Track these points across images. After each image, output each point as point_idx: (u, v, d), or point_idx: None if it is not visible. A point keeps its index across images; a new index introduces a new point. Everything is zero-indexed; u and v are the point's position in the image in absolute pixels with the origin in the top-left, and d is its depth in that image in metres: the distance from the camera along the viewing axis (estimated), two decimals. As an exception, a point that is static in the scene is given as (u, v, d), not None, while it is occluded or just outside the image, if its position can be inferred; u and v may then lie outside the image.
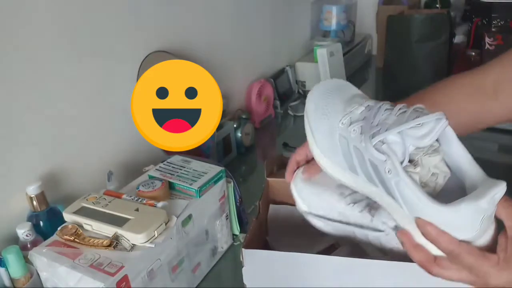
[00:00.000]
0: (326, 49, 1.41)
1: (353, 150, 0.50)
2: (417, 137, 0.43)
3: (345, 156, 0.51)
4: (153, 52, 0.91)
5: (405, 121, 0.45)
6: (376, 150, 0.46)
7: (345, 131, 0.51)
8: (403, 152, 0.45)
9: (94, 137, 0.83)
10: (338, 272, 0.58)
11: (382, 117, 0.48)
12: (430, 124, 0.43)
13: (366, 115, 0.50)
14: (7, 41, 0.66)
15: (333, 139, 0.53)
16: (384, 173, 0.46)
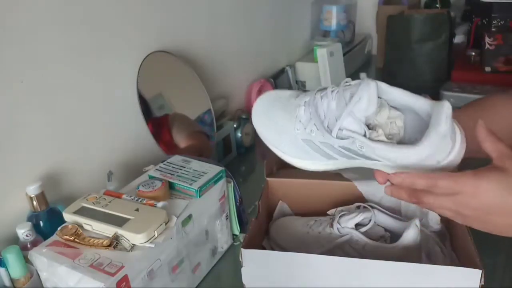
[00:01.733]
0: (326, 49, 1.41)
1: (321, 145, 0.54)
2: (363, 109, 0.49)
3: (317, 151, 0.55)
4: (153, 52, 0.91)
5: (346, 103, 0.50)
6: (340, 139, 0.51)
7: (304, 135, 0.55)
8: (360, 126, 0.50)
9: (94, 137, 0.83)
10: (338, 272, 0.58)
11: (324, 107, 0.53)
12: (364, 93, 0.49)
13: (310, 111, 0.55)
14: (6, 41, 0.66)
15: (298, 145, 0.56)
16: (359, 149, 0.50)
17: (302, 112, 0.56)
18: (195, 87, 1.02)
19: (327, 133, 0.52)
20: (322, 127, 0.53)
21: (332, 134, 0.52)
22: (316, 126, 0.53)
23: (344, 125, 0.50)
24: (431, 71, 1.42)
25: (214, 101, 1.08)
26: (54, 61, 0.73)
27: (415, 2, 1.83)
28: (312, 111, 0.54)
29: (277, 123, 0.59)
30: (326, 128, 0.52)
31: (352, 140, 0.50)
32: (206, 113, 1.03)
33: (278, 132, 0.59)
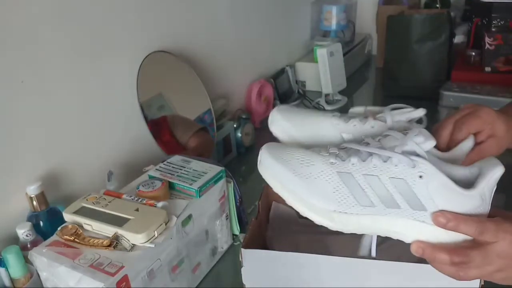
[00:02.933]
0: (326, 49, 1.41)
1: (363, 178, 0.48)
2: (421, 142, 0.48)
3: (353, 191, 0.49)
4: (153, 52, 0.91)
5: (405, 136, 0.49)
6: (406, 157, 0.47)
7: (341, 167, 0.49)
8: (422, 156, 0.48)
9: (94, 137, 0.83)
10: (338, 272, 0.58)
11: (373, 141, 0.51)
12: (419, 130, 0.49)
13: (347, 145, 0.52)
14: (7, 41, 0.66)
15: (328, 187, 0.50)
16: (412, 183, 0.46)
17: (335, 150, 0.52)
18: (195, 87, 1.02)
19: (380, 158, 0.48)
20: (375, 154, 0.48)
21: (395, 152, 0.48)
22: (360, 157, 0.49)
23: (405, 149, 0.48)
24: (431, 71, 1.42)
25: (214, 101, 1.08)
26: (54, 61, 0.73)
27: (415, 2, 1.83)
28: (348, 145, 0.52)
29: (301, 164, 0.51)
30: (385, 150, 0.48)
31: (414, 164, 0.46)
32: (206, 113, 1.03)
33: (305, 176, 0.51)
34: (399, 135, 0.50)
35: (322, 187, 0.49)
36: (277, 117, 0.68)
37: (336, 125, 0.65)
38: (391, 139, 0.50)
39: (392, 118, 0.62)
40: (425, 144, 0.48)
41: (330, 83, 1.42)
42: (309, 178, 0.50)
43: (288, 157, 0.53)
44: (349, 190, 0.49)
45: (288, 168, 0.51)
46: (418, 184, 0.46)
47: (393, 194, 0.47)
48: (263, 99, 1.31)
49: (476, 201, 0.46)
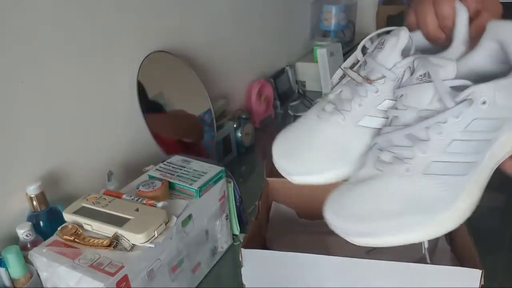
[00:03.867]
0: (326, 49, 1.41)
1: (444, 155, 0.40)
2: (445, 72, 0.40)
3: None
4: (153, 52, 0.91)
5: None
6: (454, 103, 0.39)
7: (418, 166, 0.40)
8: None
9: (94, 137, 0.83)
10: (338, 272, 0.58)
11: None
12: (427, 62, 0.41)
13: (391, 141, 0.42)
14: (7, 41, 0.66)
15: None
16: (484, 113, 0.39)
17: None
18: (195, 87, 1.02)
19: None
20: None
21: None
22: (420, 144, 0.39)
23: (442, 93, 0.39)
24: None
25: (214, 101, 1.08)
26: (54, 61, 0.73)
27: (415, 2, 1.83)
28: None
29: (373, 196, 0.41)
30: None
31: (466, 102, 0.38)
32: (206, 113, 1.03)
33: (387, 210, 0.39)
34: (416, 85, 0.40)
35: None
36: (279, 164, 0.50)
37: (340, 123, 0.46)
38: (415, 92, 0.40)
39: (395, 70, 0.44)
40: (447, 70, 0.39)
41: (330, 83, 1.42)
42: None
43: (358, 205, 0.41)
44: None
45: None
46: (487, 110, 0.38)
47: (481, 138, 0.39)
48: (263, 99, 1.31)
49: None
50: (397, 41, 0.43)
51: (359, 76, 0.44)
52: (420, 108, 0.39)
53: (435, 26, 0.43)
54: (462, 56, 0.41)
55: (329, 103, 0.46)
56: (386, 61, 0.43)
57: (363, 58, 0.46)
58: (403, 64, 0.42)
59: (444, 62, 0.39)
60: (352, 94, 0.45)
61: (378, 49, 0.44)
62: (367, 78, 0.44)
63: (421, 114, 0.39)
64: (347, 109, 0.45)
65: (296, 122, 0.50)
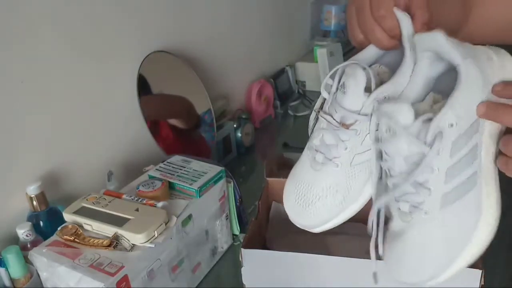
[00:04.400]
0: (326, 49, 1.41)
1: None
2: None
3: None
4: (153, 52, 0.91)
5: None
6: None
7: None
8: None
9: (94, 137, 0.83)
10: (338, 272, 0.58)
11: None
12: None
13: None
14: (7, 41, 0.66)
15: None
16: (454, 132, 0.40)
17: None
18: (195, 87, 1.02)
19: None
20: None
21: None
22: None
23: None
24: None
25: (214, 101, 1.08)
26: (54, 61, 0.73)
27: (415, 2, 1.83)
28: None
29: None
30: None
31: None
32: (206, 113, 1.03)
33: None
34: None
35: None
36: (296, 222, 0.50)
37: (335, 170, 0.47)
38: (390, 145, 0.42)
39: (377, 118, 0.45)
40: (405, 115, 0.40)
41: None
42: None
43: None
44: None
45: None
46: (458, 128, 0.40)
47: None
48: (263, 99, 1.31)
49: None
50: (356, 83, 0.43)
51: (334, 120, 0.45)
52: (404, 155, 0.41)
53: (387, 39, 0.44)
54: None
55: (317, 152, 0.48)
56: (353, 105, 0.44)
57: (330, 96, 0.46)
58: (371, 101, 0.43)
59: (399, 108, 0.40)
60: (335, 140, 0.46)
61: (341, 92, 0.44)
62: (343, 123, 0.45)
63: (408, 160, 0.41)
64: (336, 156, 0.47)
65: (294, 174, 0.51)
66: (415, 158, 0.41)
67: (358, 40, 0.47)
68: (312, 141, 0.48)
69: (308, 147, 0.49)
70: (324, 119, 0.46)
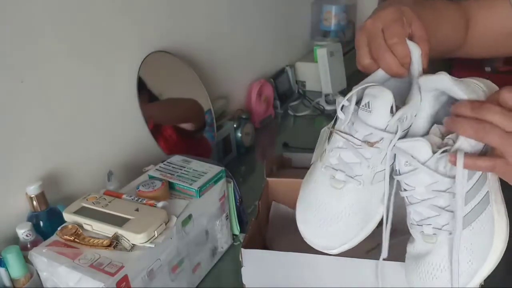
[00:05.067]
0: (326, 49, 1.41)
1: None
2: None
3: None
4: (153, 52, 0.91)
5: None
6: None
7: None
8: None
9: (94, 137, 0.83)
10: (338, 272, 0.58)
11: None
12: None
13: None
14: (7, 41, 0.66)
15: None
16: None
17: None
18: (195, 87, 1.02)
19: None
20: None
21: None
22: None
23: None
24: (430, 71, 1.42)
25: (214, 101, 1.08)
26: (54, 61, 0.73)
27: (415, 2, 1.83)
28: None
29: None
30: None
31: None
32: (206, 113, 1.03)
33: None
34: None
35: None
36: (315, 243, 0.51)
37: (357, 188, 0.49)
38: (413, 179, 0.46)
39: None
40: (423, 152, 0.44)
41: (330, 83, 1.42)
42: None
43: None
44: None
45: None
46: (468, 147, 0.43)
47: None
48: (263, 99, 1.31)
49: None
50: (384, 103, 0.45)
51: (356, 139, 0.47)
52: (425, 185, 0.45)
53: (397, 65, 0.47)
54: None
55: (337, 171, 0.49)
56: (379, 123, 0.45)
57: (347, 116, 0.47)
58: (395, 120, 0.45)
59: (417, 145, 0.44)
60: (358, 158, 0.47)
61: (365, 111, 0.46)
62: (368, 141, 0.46)
63: (428, 188, 0.45)
64: (359, 173, 0.48)
65: (309, 195, 0.51)
66: (435, 186, 0.44)
67: (365, 64, 0.52)
68: (328, 160, 0.49)
69: (323, 166, 0.50)
70: (342, 138, 0.47)
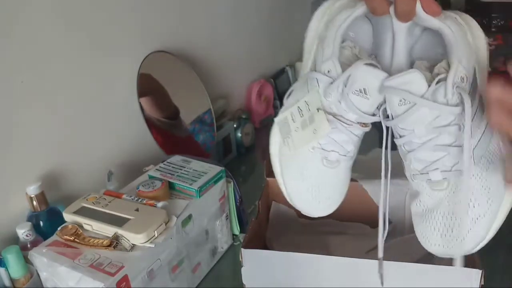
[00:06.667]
0: (326, 49, 1.41)
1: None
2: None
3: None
4: (153, 52, 0.91)
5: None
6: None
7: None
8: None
9: (94, 137, 0.83)
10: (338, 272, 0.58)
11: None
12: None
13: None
14: (7, 41, 0.66)
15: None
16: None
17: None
18: (195, 87, 1.02)
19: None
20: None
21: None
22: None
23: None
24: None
25: (214, 101, 1.08)
26: (54, 61, 0.73)
27: (415, 2, 1.83)
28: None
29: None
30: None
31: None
32: (206, 113, 1.03)
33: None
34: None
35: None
36: (308, 213, 0.52)
37: (349, 163, 0.49)
38: (409, 119, 0.40)
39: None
40: (419, 85, 0.39)
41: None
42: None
43: None
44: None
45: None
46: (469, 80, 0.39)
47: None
48: (263, 99, 1.31)
49: None
50: (379, 87, 0.41)
51: (348, 120, 0.44)
52: (425, 122, 0.40)
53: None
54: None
55: (329, 151, 0.47)
56: (373, 108, 0.43)
57: (334, 98, 0.44)
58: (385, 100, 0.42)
59: (410, 78, 0.39)
60: (348, 136, 0.46)
61: (361, 97, 0.42)
62: (361, 123, 0.44)
63: (429, 127, 0.40)
64: (350, 149, 0.47)
65: (301, 173, 0.50)
66: (437, 122, 0.39)
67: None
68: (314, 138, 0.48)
69: (309, 146, 0.48)
70: (341, 122, 0.45)
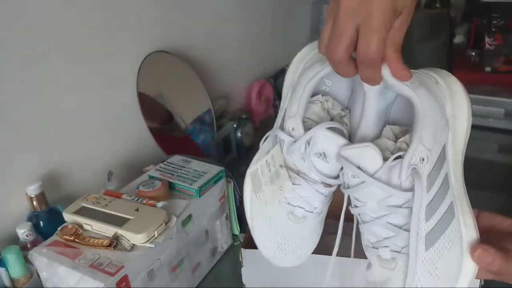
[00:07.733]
0: (326, 49, 1.41)
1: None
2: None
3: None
4: (153, 52, 0.91)
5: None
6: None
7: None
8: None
9: (94, 137, 0.83)
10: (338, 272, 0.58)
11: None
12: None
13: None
14: (7, 42, 0.66)
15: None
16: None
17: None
18: (195, 87, 1.02)
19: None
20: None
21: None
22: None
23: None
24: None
25: (214, 101, 1.08)
26: (54, 61, 0.73)
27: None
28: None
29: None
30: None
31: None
32: (206, 113, 1.03)
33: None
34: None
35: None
36: (279, 265, 0.52)
37: (317, 218, 0.48)
38: (362, 192, 0.39)
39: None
40: (373, 161, 0.36)
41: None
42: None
43: None
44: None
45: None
46: (431, 159, 0.37)
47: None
48: (263, 99, 1.31)
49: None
50: (337, 154, 0.39)
51: (314, 180, 0.43)
52: (377, 199, 0.38)
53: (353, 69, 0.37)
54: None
55: (295, 206, 0.46)
56: (334, 172, 0.42)
57: (297, 157, 0.43)
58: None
59: (363, 152, 0.36)
60: (313, 194, 0.44)
61: (321, 160, 0.41)
62: (325, 184, 0.43)
63: (381, 204, 0.38)
64: (317, 206, 0.46)
65: (269, 225, 0.48)
66: (390, 201, 0.37)
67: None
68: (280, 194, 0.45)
69: (277, 201, 0.46)
70: (308, 181, 0.43)
